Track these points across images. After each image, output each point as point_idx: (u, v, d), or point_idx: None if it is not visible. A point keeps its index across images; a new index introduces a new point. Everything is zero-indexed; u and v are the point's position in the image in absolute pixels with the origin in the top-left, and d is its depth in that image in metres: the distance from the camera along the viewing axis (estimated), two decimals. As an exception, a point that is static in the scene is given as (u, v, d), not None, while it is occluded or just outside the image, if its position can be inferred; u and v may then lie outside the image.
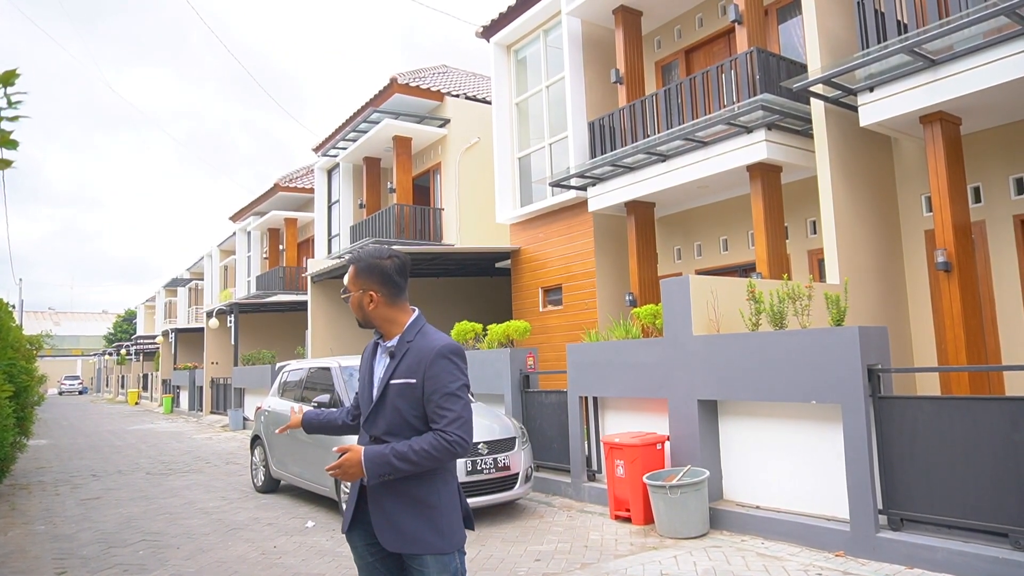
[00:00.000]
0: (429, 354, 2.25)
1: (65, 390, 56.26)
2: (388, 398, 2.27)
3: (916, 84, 6.88)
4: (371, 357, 2.44)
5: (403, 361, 2.28)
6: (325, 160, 19.39)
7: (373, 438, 2.31)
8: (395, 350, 2.33)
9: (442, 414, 2.21)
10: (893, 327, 8.18)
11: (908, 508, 4.80)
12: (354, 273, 2.39)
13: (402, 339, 2.34)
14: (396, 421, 2.25)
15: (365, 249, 2.43)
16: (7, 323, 3.36)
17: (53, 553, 6.01)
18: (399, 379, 2.26)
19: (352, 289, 2.38)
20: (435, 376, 2.23)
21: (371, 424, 2.32)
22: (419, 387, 2.23)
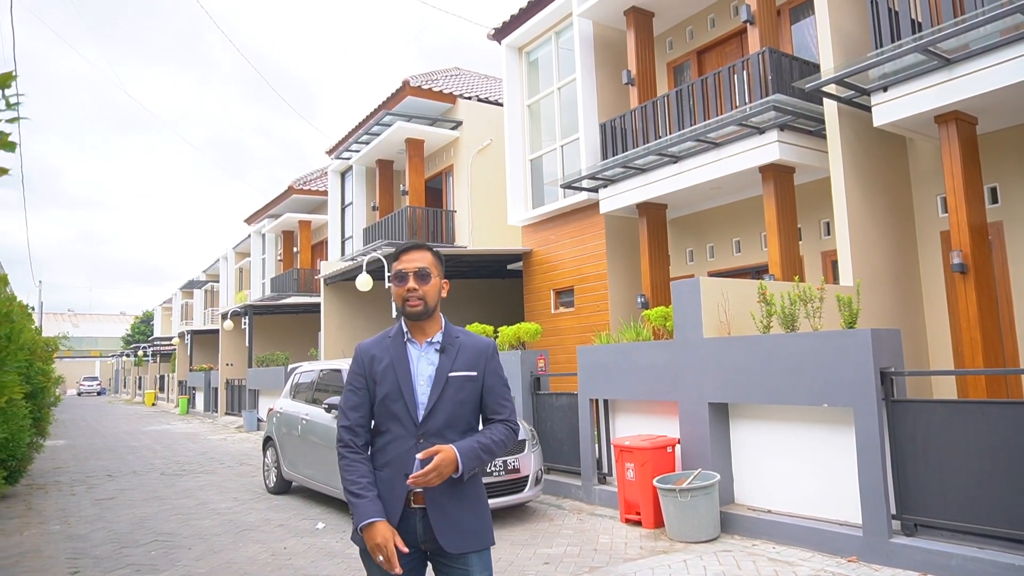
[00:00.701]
0: (487, 349, 2.37)
1: (84, 391, 56.93)
2: (448, 392, 2.26)
3: (931, 83, 6.79)
4: (402, 356, 2.30)
5: (459, 355, 2.31)
6: (338, 163, 19.49)
7: (424, 437, 2.22)
8: (445, 345, 2.32)
9: (504, 404, 2.36)
10: (908, 329, 8.08)
11: (922, 513, 4.73)
12: (434, 258, 2.36)
13: (448, 335, 2.35)
14: (456, 413, 2.26)
15: (414, 240, 2.44)
16: (22, 325, 3.41)
17: (67, 553, 6.07)
18: (460, 372, 2.28)
19: (434, 273, 2.32)
20: (495, 370, 2.37)
21: (430, 420, 2.23)
22: (479, 380, 2.32)
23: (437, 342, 2.32)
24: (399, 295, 2.30)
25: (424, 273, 2.29)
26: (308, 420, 7.78)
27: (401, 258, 2.34)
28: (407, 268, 2.29)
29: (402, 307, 2.30)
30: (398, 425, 2.24)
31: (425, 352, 2.31)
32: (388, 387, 2.27)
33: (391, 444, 2.24)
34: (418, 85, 16.16)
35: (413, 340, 2.32)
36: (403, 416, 2.23)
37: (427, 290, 2.29)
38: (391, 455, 2.23)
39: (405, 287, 2.28)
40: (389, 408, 2.26)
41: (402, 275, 2.30)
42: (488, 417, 2.36)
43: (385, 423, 2.27)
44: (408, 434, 2.23)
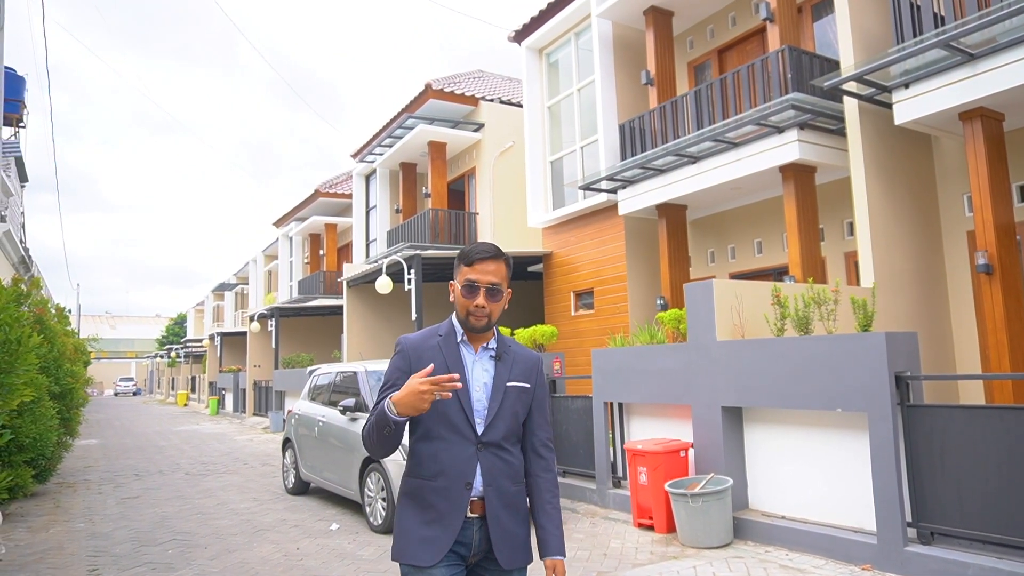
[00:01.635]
0: (537, 362, 2.28)
1: (120, 391, 58.26)
2: (507, 402, 2.16)
3: (954, 79, 6.62)
4: (457, 358, 2.16)
5: (515, 365, 2.21)
6: (363, 166, 19.67)
7: (484, 445, 2.10)
8: (500, 353, 2.20)
9: (547, 420, 2.31)
10: (933, 331, 7.89)
11: (939, 521, 4.60)
12: (507, 270, 2.20)
13: (502, 343, 2.23)
14: (513, 424, 2.17)
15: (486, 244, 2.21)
16: (31, 331, 3.51)
17: (88, 551, 6.21)
18: (517, 382, 2.19)
19: (504, 286, 2.17)
20: (543, 384, 2.30)
21: (491, 430, 2.12)
22: (531, 393, 2.23)
23: (492, 349, 2.20)
24: (464, 306, 2.14)
25: (496, 290, 2.14)
26: (325, 422, 7.85)
27: (475, 266, 2.14)
28: (480, 281, 2.12)
29: (464, 318, 2.15)
30: (454, 432, 2.10)
31: (480, 358, 2.18)
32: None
33: (444, 452, 2.09)
34: (440, 88, 16.24)
35: (467, 343, 2.19)
36: (461, 424, 2.10)
37: (495, 307, 2.15)
38: (446, 463, 2.08)
39: (474, 302, 2.12)
40: (444, 414, 2.09)
41: (473, 287, 2.12)
42: (532, 432, 2.25)
43: (436, 429, 2.11)
44: (467, 442, 2.10)
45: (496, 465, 2.12)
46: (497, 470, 2.12)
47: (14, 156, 16.06)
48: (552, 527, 2.17)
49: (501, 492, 2.11)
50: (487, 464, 2.11)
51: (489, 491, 2.09)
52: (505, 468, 2.14)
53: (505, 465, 2.14)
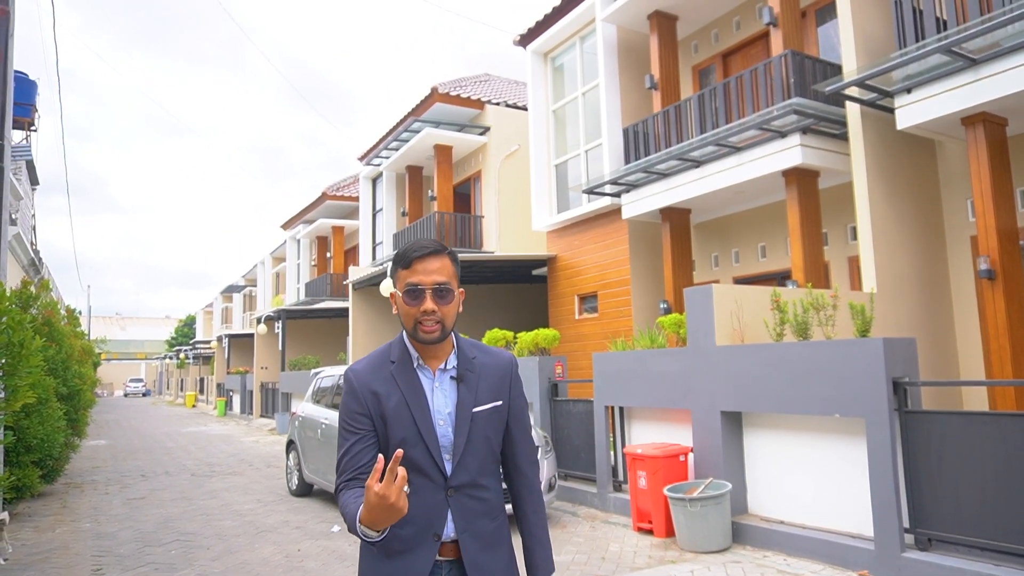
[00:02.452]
0: (509, 368, 1.95)
1: (130, 392, 58.65)
2: (476, 433, 1.83)
3: (957, 84, 6.61)
4: (415, 390, 1.83)
5: (482, 381, 1.87)
6: (369, 169, 19.77)
7: (455, 490, 1.80)
8: (462, 372, 1.86)
9: (528, 433, 1.99)
10: (936, 337, 7.87)
11: (936, 528, 4.60)
12: (454, 266, 1.85)
13: (463, 356, 1.89)
14: (487, 455, 1.86)
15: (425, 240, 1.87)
16: (32, 334, 3.57)
17: (93, 551, 6.28)
18: (486, 404, 1.86)
19: (455, 286, 1.83)
20: (519, 392, 1.97)
21: (462, 470, 1.80)
22: (505, 408, 1.91)
23: (452, 368, 1.87)
24: (410, 316, 1.79)
25: (445, 290, 1.79)
26: (328, 424, 7.91)
27: (414, 266, 1.80)
28: (423, 282, 1.78)
29: (412, 330, 1.80)
30: (419, 476, 1.79)
31: (439, 382, 1.85)
32: (404, 431, 1.79)
33: (413, 497, 1.78)
34: (446, 92, 16.30)
35: (424, 367, 1.85)
36: (426, 466, 1.79)
37: (447, 311, 1.80)
38: (413, 510, 1.75)
39: (419, 307, 1.77)
40: (409, 458, 1.78)
41: (416, 292, 1.78)
42: (512, 450, 1.95)
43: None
44: (434, 487, 1.79)
45: (470, 507, 1.82)
46: (471, 512, 1.83)
47: (25, 160, 16.25)
48: (539, 548, 1.93)
49: (479, 534, 1.82)
50: (459, 509, 1.81)
51: (464, 537, 1.80)
52: (480, 507, 1.84)
53: (480, 504, 1.84)
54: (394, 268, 1.85)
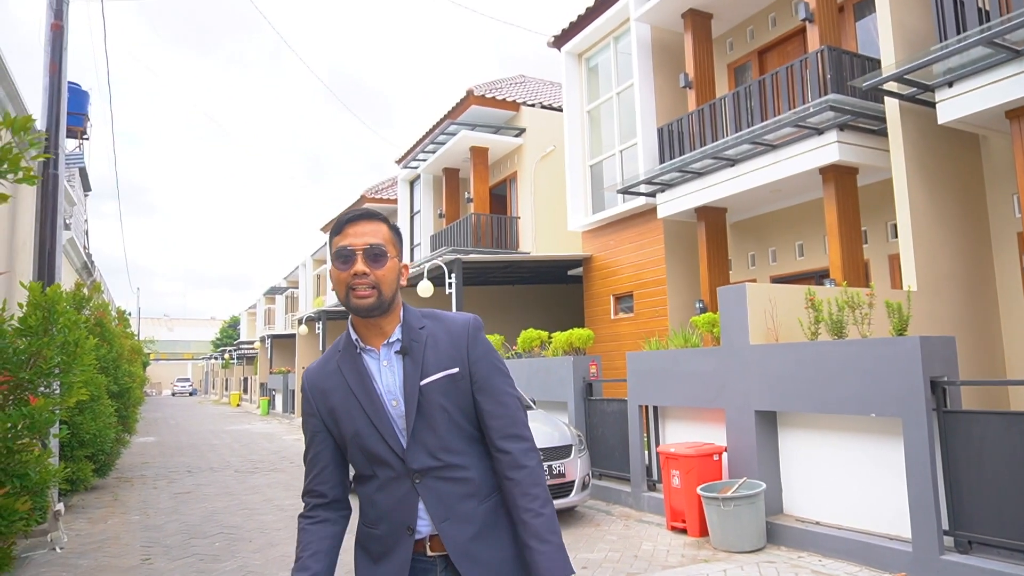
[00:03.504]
0: (464, 329, 1.74)
1: (177, 391, 60.36)
2: (428, 405, 1.65)
3: (1000, 77, 6.44)
4: (359, 375, 1.69)
5: (428, 352, 1.69)
6: (407, 172, 20.02)
7: (419, 475, 1.63)
8: (406, 344, 1.69)
9: (506, 401, 1.73)
10: (981, 336, 7.67)
11: (977, 530, 4.51)
12: (390, 231, 1.72)
13: (408, 327, 1.71)
14: (448, 429, 1.66)
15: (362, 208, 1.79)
16: (85, 333, 3.77)
17: (142, 541, 6.54)
18: (434, 374, 1.67)
19: (391, 251, 1.69)
20: (484, 356, 1.74)
21: (416, 451, 1.63)
22: (465, 375, 1.70)
23: (396, 341, 1.70)
24: (341, 281, 1.65)
25: (378, 252, 1.65)
26: (365, 422, 8.06)
27: (345, 231, 1.67)
28: (353, 245, 1.64)
29: (345, 299, 1.65)
30: (384, 468, 1.65)
31: (386, 359, 1.70)
32: (356, 424, 1.66)
33: (380, 493, 1.67)
34: (482, 94, 16.44)
35: (369, 348, 1.71)
36: (386, 455, 1.64)
37: (381, 275, 1.64)
38: (384, 507, 1.66)
39: (350, 270, 1.63)
40: (366, 450, 1.66)
41: (346, 254, 1.64)
42: (486, 423, 1.70)
43: (367, 467, 1.69)
44: (399, 475, 1.64)
45: (444, 491, 1.64)
46: (448, 496, 1.64)
47: (78, 167, 16.89)
48: (537, 542, 1.61)
49: (465, 519, 1.64)
50: (430, 495, 1.63)
51: (446, 526, 1.62)
52: (459, 489, 1.65)
53: (457, 486, 1.65)
54: (329, 242, 1.72)
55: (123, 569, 5.56)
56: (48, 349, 3.73)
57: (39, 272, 6.51)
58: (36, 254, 6.58)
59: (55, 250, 6.61)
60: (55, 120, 6.72)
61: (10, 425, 3.54)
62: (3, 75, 6.42)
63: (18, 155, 2.18)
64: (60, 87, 6.79)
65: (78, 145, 17.18)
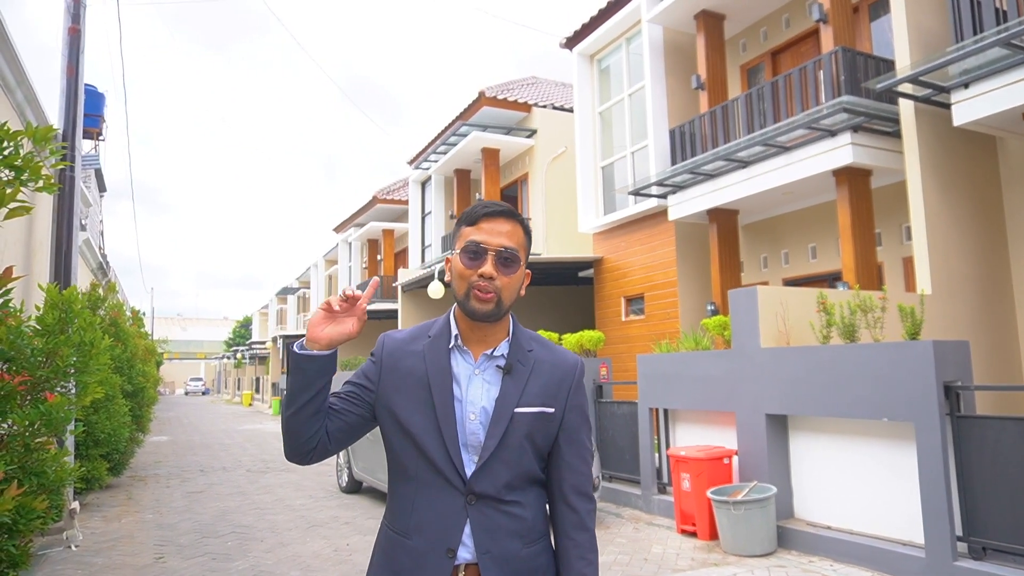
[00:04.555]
0: (572, 372, 1.61)
1: (190, 391, 60.82)
2: (513, 436, 1.51)
3: (1018, 78, 6.39)
4: (443, 372, 1.55)
5: (532, 379, 1.56)
6: (418, 173, 20.08)
7: (475, 498, 1.49)
8: (512, 362, 1.56)
9: (587, 461, 1.61)
10: (997, 339, 7.60)
11: (991, 536, 4.47)
12: (525, 236, 1.58)
13: (516, 346, 1.58)
14: (521, 466, 1.53)
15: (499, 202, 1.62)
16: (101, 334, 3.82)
17: (155, 540, 6.59)
18: (532, 407, 1.53)
19: (522, 257, 1.55)
20: (580, 405, 1.62)
21: (484, 476, 1.49)
22: (557, 420, 1.57)
23: (500, 356, 1.56)
24: (464, 279, 1.51)
25: (512, 258, 1.51)
26: (376, 423, 8.10)
27: (480, 224, 1.53)
28: (487, 243, 1.50)
29: (464, 299, 1.52)
30: (434, 474, 1.51)
31: (482, 370, 1.55)
32: (418, 419, 1.51)
33: (422, 499, 1.51)
34: (493, 95, 16.46)
35: (465, 349, 1.57)
36: (442, 464, 1.50)
37: (507, 282, 1.51)
38: (423, 516, 1.50)
39: (478, 269, 1.50)
40: (420, 447, 1.51)
41: (478, 251, 1.50)
42: (560, 473, 1.58)
43: (411, 465, 1.53)
44: (451, 490, 1.49)
45: (496, 522, 1.50)
46: (498, 529, 1.50)
47: (94, 168, 17.07)
48: None
49: (506, 559, 1.50)
50: (481, 522, 1.49)
51: (485, 560, 1.48)
52: (511, 525, 1.52)
53: (511, 521, 1.52)
54: (457, 227, 1.59)
55: (137, 567, 5.62)
56: (64, 348, 3.78)
57: (56, 273, 6.59)
58: (53, 255, 6.66)
59: (71, 251, 6.69)
60: (72, 123, 6.80)
61: (28, 423, 3.59)
62: (22, 79, 6.50)
63: (39, 164, 2.22)
64: (77, 90, 6.87)
65: (94, 147, 17.37)
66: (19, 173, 2.20)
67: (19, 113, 6.84)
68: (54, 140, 2.11)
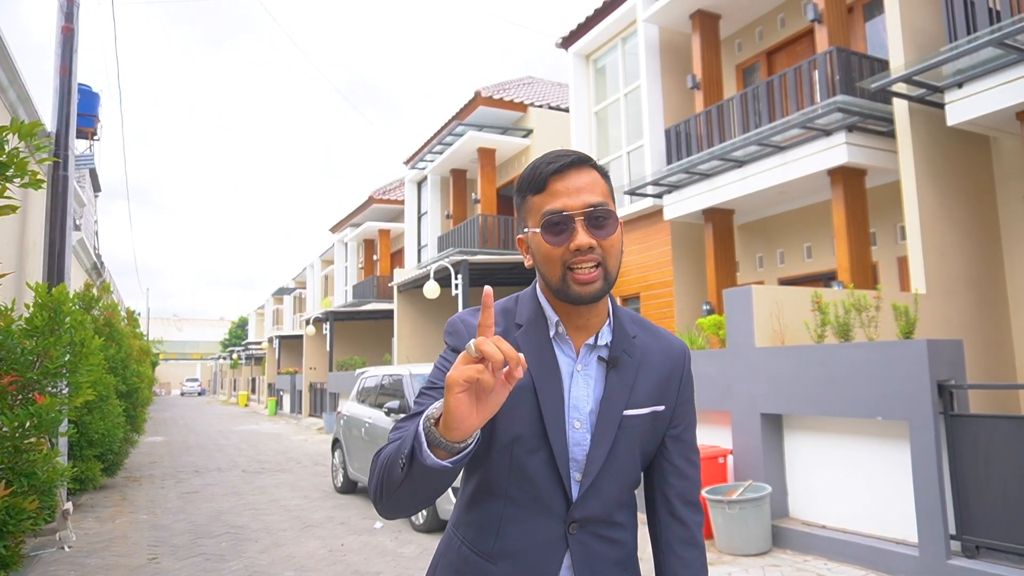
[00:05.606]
0: (682, 361, 1.36)
1: (186, 391, 60.66)
2: (625, 443, 1.26)
3: (1011, 78, 6.40)
4: (550, 369, 1.26)
5: (641, 372, 1.29)
6: (414, 173, 20.06)
7: (580, 524, 1.24)
8: (616, 352, 1.27)
9: (696, 464, 1.37)
10: (991, 338, 7.62)
11: (984, 535, 4.48)
12: (605, 182, 1.27)
13: (620, 333, 1.29)
14: (630, 480, 1.29)
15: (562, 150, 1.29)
16: (92, 334, 3.80)
17: (149, 541, 6.57)
18: (644, 408, 1.28)
19: (614, 209, 1.25)
20: (691, 399, 1.38)
21: (595, 496, 1.24)
22: (667, 417, 1.32)
23: (603, 346, 1.28)
24: (554, 261, 1.21)
25: (601, 214, 1.20)
26: (371, 423, 8.09)
27: (550, 186, 1.23)
28: (569, 207, 1.20)
29: (561, 284, 1.21)
30: (532, 496, 1.24)
31: (584, 365, 1.27)
32: (521, 426, 1.23)
33: (513, 524, 1.25)
34: (489, 95, 16.45)
35: (566, 338, 1.28)
36: (544, 483, 1.23)
37: (609, 246, 1.21)
38: (514, 542, 1.25)
39: (569, 243, 1.20)
40: (520, 464, 1.24)
41: (560, 220, 1.20)
42: (665, 478, 1.34)
43: (503, 484, 1.26)
44: (550, 514, 1.24)
45: (599, 553, 1.27)
46: (601, 561, 1.27)
47: (88, 168, 17.02)
48: None
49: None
50: (583, 554, 1.25)
51: None
52: (614, 554, 1.29)
53: (614, 550, 1.29)
54: (520, 199, 1.30)
55: (130, 568, 5.59)
56: (55, 349, 3.76)
57: (49, 273, 6.56)
58: (46, 255, 6.63)
59: (64, 251, 6.66)
60: (65, 122, 6.77)
61: (17, 424, 3.57)
62: (14, 79, 6.47)
63: (25, 160, 2.20)
64: (70, 89, 6.85)
65: (88, 146, 17.31)
66: (3, 170, 2.18)
67: (12, 112, 6.82)
68: (41, 135, 2.09)
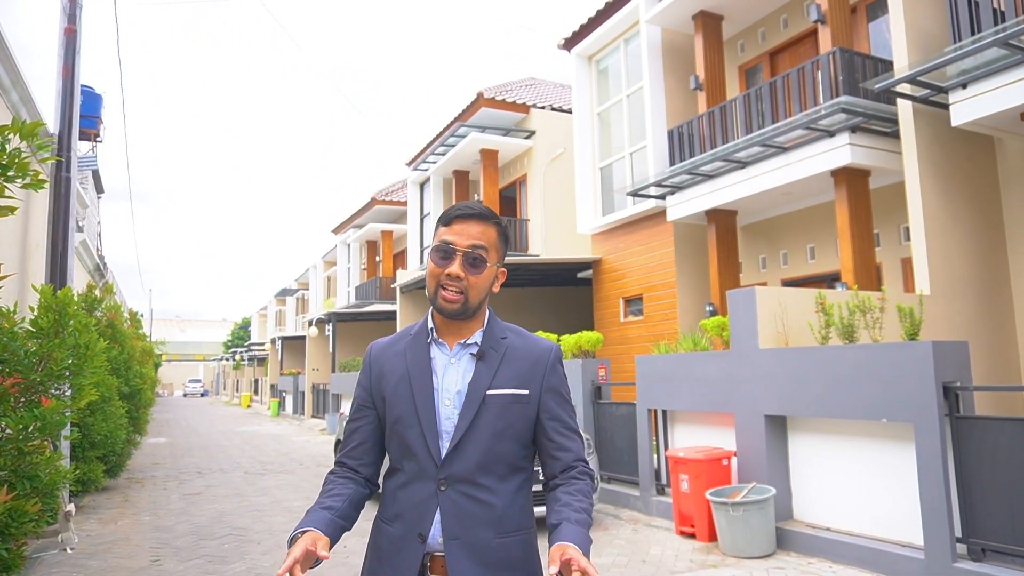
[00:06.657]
0: (546, 356, 1.67)
1: (189, 392, 60.71)
2: (485, 418, 1.58)
3: (1016, 78, 6.37)
4: (421, 364, 1.64)
5: (504, 364, 1.63)
6: (417, 174, 20.06)
7: (447, 482, 1.55)
8: (485, 350, 1.64)
9: (572, 437, 1.67)
10: (996, 339, 7.59)
11: (990, 538, 4.45)
12: (498, 236, 1.67)
13: (490, 335, 1.66)
14: (494, 450, 1.58)
15: (476, 203, 1.69)
16: (96, 336, 3.80)
17: (152, 542, 6.56)
18: (504, 389, 1.60)
19: (492, 258, 1.64)
20: (556, 387, 1.68)
21: (456, 459, 1.56)
22: (533, 402, 1.63)
23: (474, 344, 1.65)
24: (433, 277, 1.61)
25: (479, 258, 1.60)
26: (374, 424, 8.07)
27: (452, 225, 1.63)
28: (456, 244, 1.60)
29: (433, 295, 1.62)
30: (413, 463, 1.59)
31: (456, 359, 1.64)
32: (401, 409, 1.61)
33: (403, 490, 1.60)
34: (492, 96, 16.44)
35: (441, 341, 1.66)
36: (419, 451, 1.57)
37: (475, 281, 1.60)
38: (403, 504, 1.58)
39: (446, 269, 1.59)
40: (402, 439, 1.60)
41: (447, 251, 1.60)
42: (551, 455, 1.65)
43: (398, 460, 1.63)
44: (425, 477, 1.57)
45: (464, 509, 1.54)
46: (466, 516, 1.54)
47: (91, 170, 17.04)
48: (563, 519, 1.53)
49: (474, 547, 1.53)
50: (450, 508, 1.54)
51: (453, 546, 1.52)
52: (480, 512, 1.55)
53: (480, 508, 1.55)
54: (436, 226, 1.68)
55: (133, 570, 5.59)
56: (59, 351, 3.75)
57: (51, 274, 6.56)
58: (48, 256, 6.63)
59: (67, 252, 6.66)
60: (68, 123, 6.77)
61: (21, 427, 3.56)
62: (17, 80, 6.47)
63: (26, 160, 2.19)
64: (73, 90, 6.85)
65: (91, 148, 17.33)
66: (4, 170, 2.17)
67: (14, 114, 6.82)
68: (43, 135, 2.09)
